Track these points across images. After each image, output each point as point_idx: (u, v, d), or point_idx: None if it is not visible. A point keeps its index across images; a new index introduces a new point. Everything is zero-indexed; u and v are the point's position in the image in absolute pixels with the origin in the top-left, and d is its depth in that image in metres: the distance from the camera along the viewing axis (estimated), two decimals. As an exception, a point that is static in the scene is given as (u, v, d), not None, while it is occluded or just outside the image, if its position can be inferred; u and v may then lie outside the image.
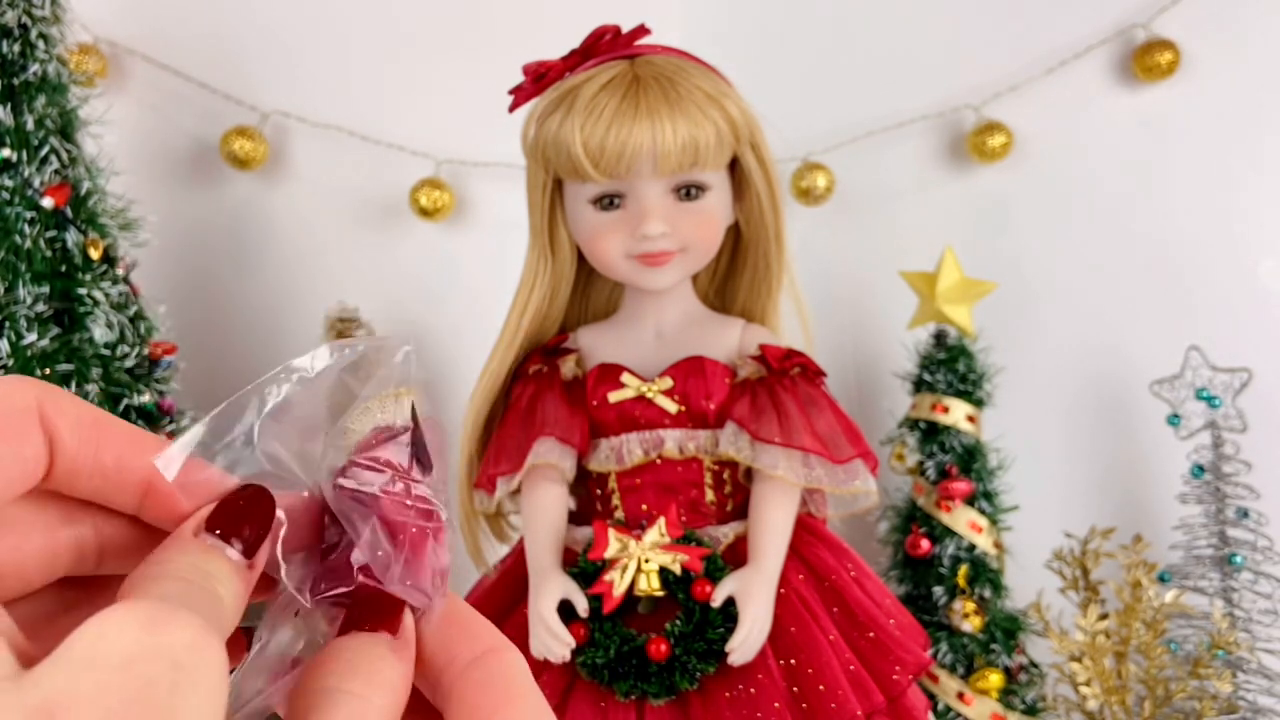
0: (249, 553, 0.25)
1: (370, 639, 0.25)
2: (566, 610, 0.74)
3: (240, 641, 0.27)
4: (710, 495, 0.79)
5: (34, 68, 0.80)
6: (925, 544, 0.98)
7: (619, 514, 0.80)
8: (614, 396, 0.79)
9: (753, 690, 0.72)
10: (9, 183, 0.79)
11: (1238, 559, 0.94)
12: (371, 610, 0.25)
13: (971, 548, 0.97)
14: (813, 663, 0.73)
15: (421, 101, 1.16)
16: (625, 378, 0.80)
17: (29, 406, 0.24)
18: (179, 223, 1.13)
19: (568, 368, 0.82)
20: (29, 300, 0.79)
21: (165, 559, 0.24)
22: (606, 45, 0.79)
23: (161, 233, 0.95)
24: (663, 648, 0.72)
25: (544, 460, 0.78)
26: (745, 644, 0.72)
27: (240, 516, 0.25)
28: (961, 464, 0.99)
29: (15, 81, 0.80)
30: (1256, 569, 0.94)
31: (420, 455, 0.27)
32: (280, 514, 0.26)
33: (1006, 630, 0.96)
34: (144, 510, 0.26)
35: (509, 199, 1.01)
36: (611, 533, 0.76)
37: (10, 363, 0.78)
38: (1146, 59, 1.06)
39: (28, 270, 0.80)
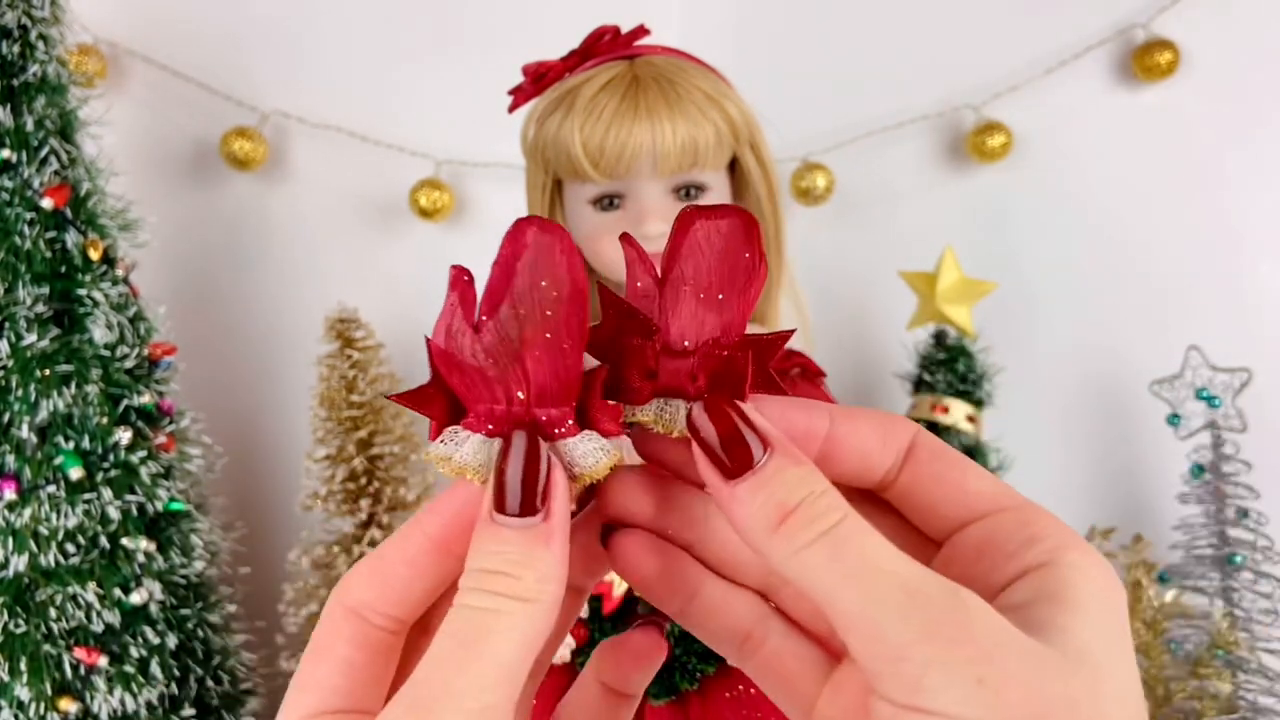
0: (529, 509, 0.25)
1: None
2: (566, 611, 0.74)
3: None
4: (710, 496, 0.79)
5: (34, 68, 0.80)
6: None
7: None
8: (614, 397, 0.79)
9: (753, 690, 0.72)
10: (9, 183, 0.79)
11: (1238, 559, 0.94)
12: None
13: (971, 548, 0.97)
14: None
15: (421, 101, 1.16)
16: (625, 378, 0.80)
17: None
18: (179, 223, 1.12)
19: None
20: (29, 301, 0.79)
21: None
22: (606, 46, 0.79)
23: (161, 233, 0.95)
24: (663, 648, 0.72)
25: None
26: (745, 644, 0.72)
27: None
28: (961, 464, 0.99)
29: (15, 82, 0.80)
30: (1256, 569, 0.94)
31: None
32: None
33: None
34: None
35: (509, 199, 1.01)
36: (611, 533, 0.76)
37: (10, 363, 0.78)
38: (1146, 59, 1.06)
39: (27, 271, 0.80)
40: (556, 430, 0.26)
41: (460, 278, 0.26)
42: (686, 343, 0.27)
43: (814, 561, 0.24)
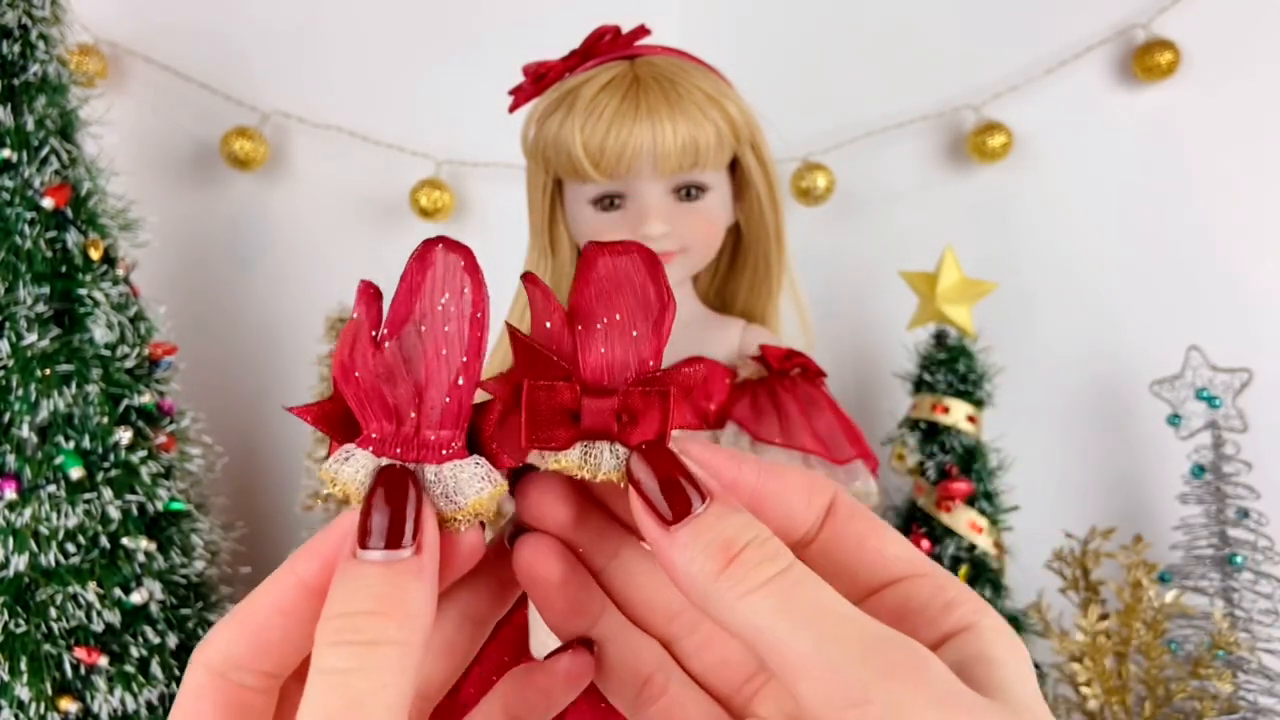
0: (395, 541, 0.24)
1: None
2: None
3: None
4: (710, 495, 0.79)
5: (34, 68, 0.80)
6: (926, 544, 0.98)
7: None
8: (614, 397, 0.79)
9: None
10: (9, 183, 0.79)
11: (1238, 559, 0.94)
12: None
13: (972, 548, 0.97)
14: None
15: (421, 101, 1.16)
16: (625, 378, 0.80)
17: None
18: (179, 223, 1.13)
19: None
20: (29, 301, 0.79)
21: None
22: (606, 46, 0.79)
23: (161, 233, 0.95)
24: (663, 648, 0.72)
25: (544, 461, 0.78)
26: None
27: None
28: (962, 464, 0.99)
29: (15, 82, 0.80)
30: (1257, 569, 0.94)
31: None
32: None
33: (1007, 630, 0.96)
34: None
35: (509, 199, 1.01)
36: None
37: (10, 363, 0.78)
38: (1146, 59, 1.06)
39: (28, 271, 0.80)
40: (443, 451, 0.25)
41: (366, 292, 0.26)
42: (605, 381, 0.26)
43: (763, 607, 0.23)
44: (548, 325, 0.27)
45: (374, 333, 0.25)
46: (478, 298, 0.25)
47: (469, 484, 0.25)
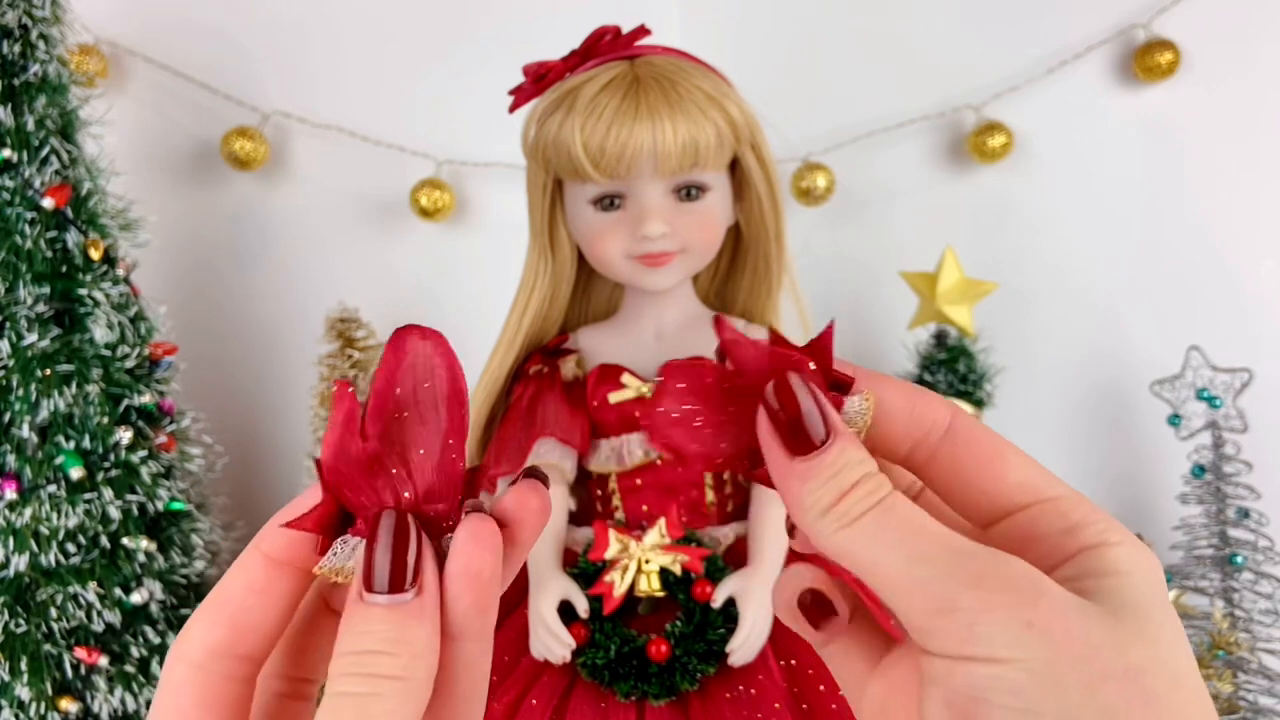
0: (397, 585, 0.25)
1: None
2: (567, 611, 0.74)
3: None
4: (710, 496, 0.79)
5: (34, 68, 0.80)
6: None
7: (619, 515, 0.80)
8: (614, 397, 0.79)
9: (753, 691, 0.72)
10: (9, 183, 0.79)
11: (1238, 559, 0.94)
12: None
13: (972, 548, 0.97)
14: (813, 663, 0.73)
15: (421, 101, 1.16)
16: (625, 378, 0.80)
17: None
18: (179, 223, 1.13)
19: (568, 368, 0.82)
20: (29, 301, 0.79)
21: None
22: (607, 46, 0.78)
23: (161, 233, 0.95)
24: (663, 648, 0.72)
25: (544, 461, 0.78)
26: (746, 645, 0.72)
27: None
28: (962, 464, 0.99)
29: (16, 82, 0.80)
30: (1257, 569, 0.94)
31: None
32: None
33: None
34: None
35: (509, 199, 1.01)
36: (612, 533, 0.76)
37: (10, 363, 0.78)
38: (1146, 59, 1.06)
39: (28, 271, 0.80)
40: (445, 524, 0.26)
41: (343, 392, 0.26)
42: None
43: (861, 533, 0.25)
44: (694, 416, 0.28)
45: (359, 427, 0.26)
46: (455, 377, 0.27)
47: None
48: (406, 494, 0.26)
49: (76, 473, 0.79)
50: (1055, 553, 0.26)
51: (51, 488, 0.79)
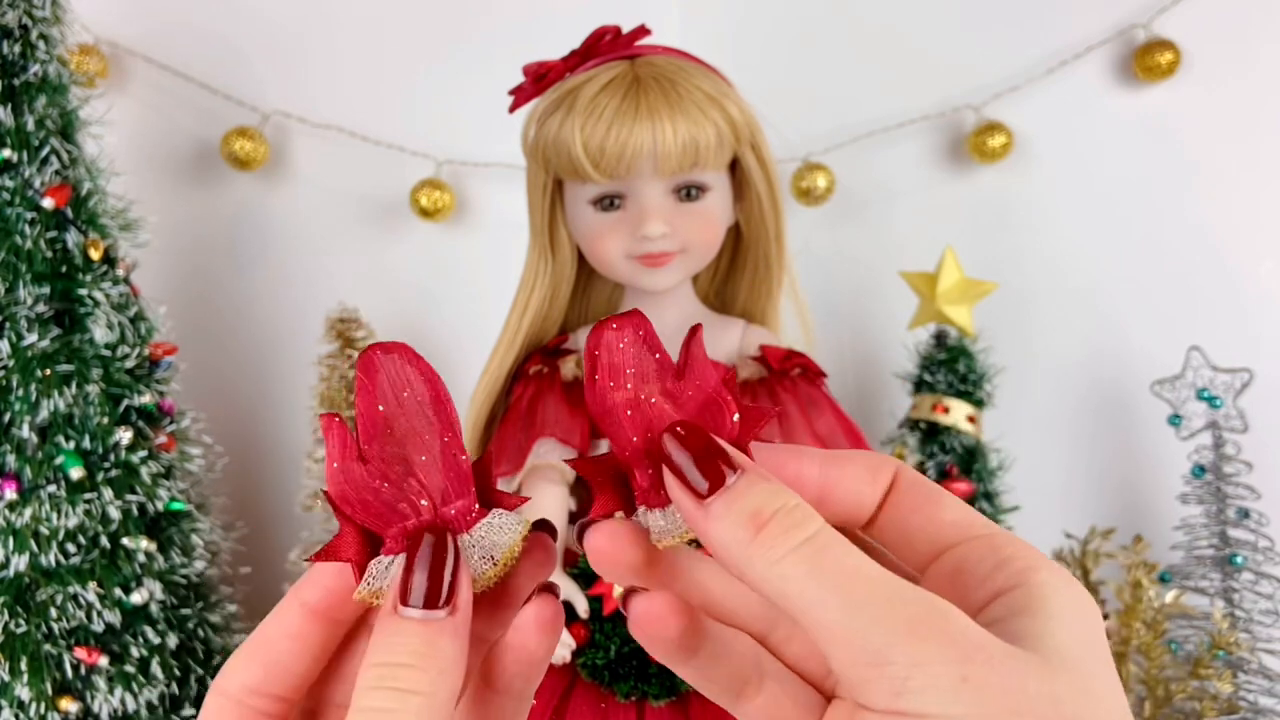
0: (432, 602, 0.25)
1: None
2: (567, 611, 0.75)
3: None
4: (710, 496, 0.79)
5: (34, 68, 0.80)
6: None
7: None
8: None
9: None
10: (9, 183, 0.79)
11: (1238, 559, 0.94)
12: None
13: (972, 548, 0.97)
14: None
15: (421, 101, 1.16)
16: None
17: None
18: (179, 223, 1.13)
19: (568, 368, 0.82)
20: (29, 301, 0.79)
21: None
22: (607, 46, 0.78)
23: (162, 233, 0.95)
24: (663, 648, 0.72)
25: (544, 461, 0.78)
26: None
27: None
28: (962, 464, 0.99)
29: (16, 82, 0.80)
30: (1257, 569, 0.94)
31: None
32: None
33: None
34: None
35: (509, 199, 1.01)
36: (612, 533, 0.76)
37: (10, 363, 0.78)
38: (1146, 59, 1.06)
39: (28, 271, 0.80)
40: (468, 518, 0.27)
41: (331, 423, 0.27)
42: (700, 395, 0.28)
43: (794, 572, 0.24)
44: (628, 386, 0.28)
45: (354, 453, 0.27)
46: (430, 379, 0.28)
47: (501, 534, 0.27)
48: (424, 502, 0.27)
49: (76, 473, 0.79)
50: (984, 586, 0.25)
51: (51, 488, 0.79)
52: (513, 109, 0.82)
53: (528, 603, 0.28)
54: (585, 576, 0.75)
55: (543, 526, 0.29)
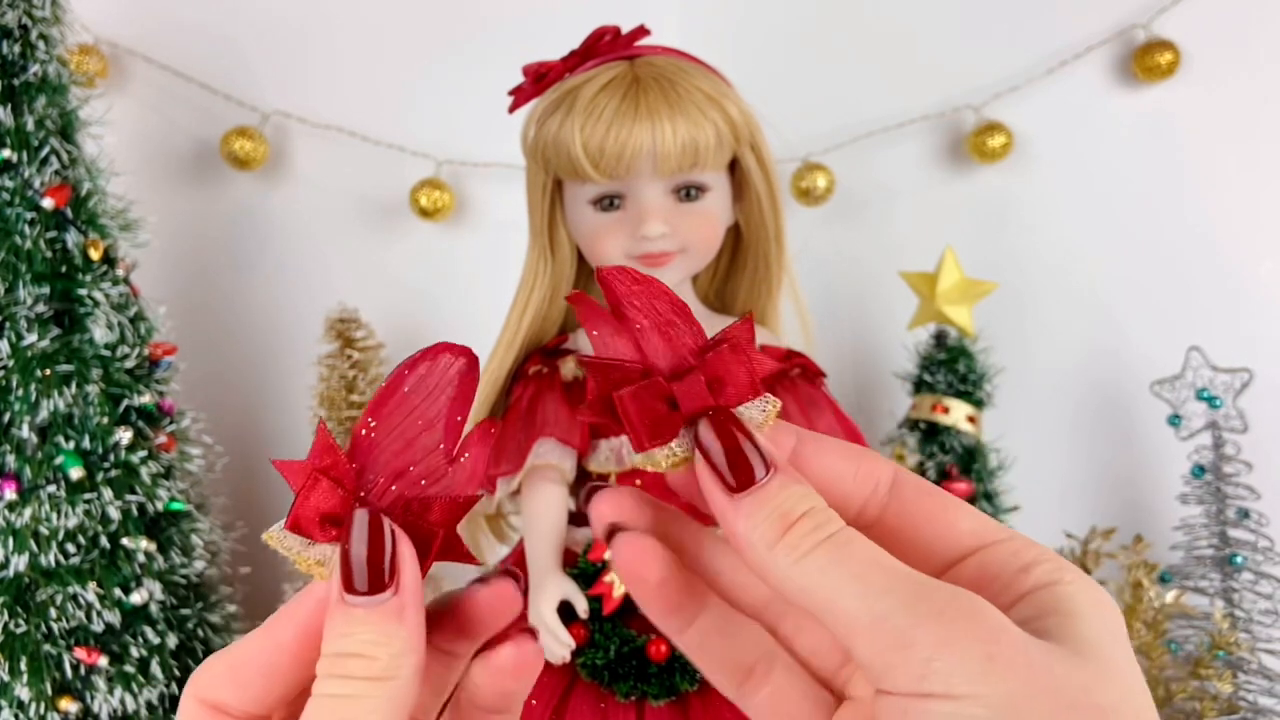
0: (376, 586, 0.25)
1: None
2: (567, 611, 0.74)
3: None
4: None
5: (34, 68, 0.80)
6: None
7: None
8: (614, 397, 0.79)
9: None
10: (9, 183, 0.79)
11: (1238, 559, 0.94)
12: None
13: (972, 548, 0.97)
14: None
15: (421, 101, 1.16)
16: (625, 378, 0.80)
17: None
18: (179, 223, 1.13)
19: (568, 369, 0.82)
20: (29, 301, 0.79)
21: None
22: (606, 46, 0.78)
23: (161, 233, 0.95)
24: (663, 648, 0.72)
25: (544, 461, 0.78)
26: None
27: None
28: (962, 464, 0.99)
29: (15, 82, 0.80)
30: (1257, 569, 0.94)
31: None
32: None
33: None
34: None
35: (509, 199, 1.01)
36: (612, 533, 0.76)
37: (10, 363, 0.78)
38: (1146, 59, 1.06)
39: (28, 271, 0.80)
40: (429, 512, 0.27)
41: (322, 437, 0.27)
42: (676, 365, 0.28)
43: (815, 567, 0.24)
44: (596, 334, 0.28)
45: (353, 484, 0.27)
46: (463, 398, 0.29)
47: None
48: (383, 480, 0.27)
49: (76, 473, 0.79)
50: (1008, 591, 0.25)
51: (51, 488, 0.79)
52: (512, 109, 0.82)
53: (507, 641, 0.28)
54: (585, 576, 0.75)
55: (508, 575, 0.28)
